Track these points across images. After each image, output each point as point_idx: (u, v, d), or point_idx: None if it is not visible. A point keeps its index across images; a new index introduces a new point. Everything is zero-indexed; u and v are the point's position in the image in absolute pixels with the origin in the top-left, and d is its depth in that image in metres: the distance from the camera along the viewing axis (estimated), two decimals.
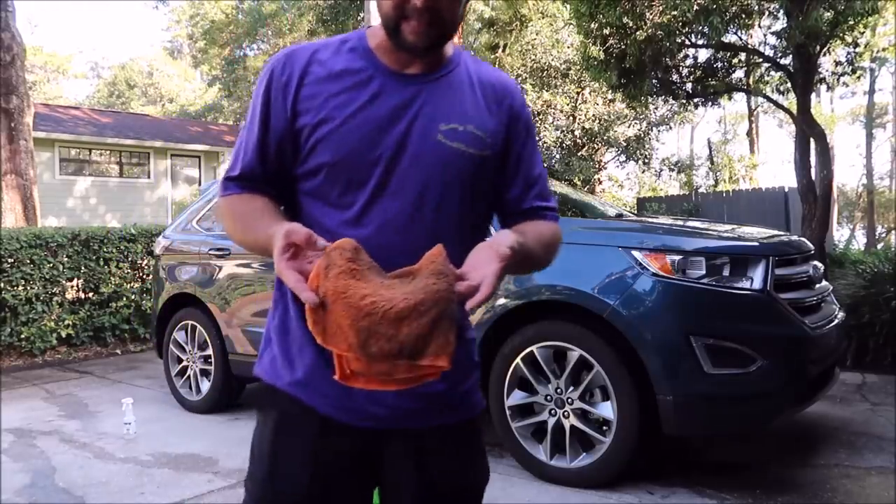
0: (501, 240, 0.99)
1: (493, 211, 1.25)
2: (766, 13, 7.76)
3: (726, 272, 3.04)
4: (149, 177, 18.08)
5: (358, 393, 1.05)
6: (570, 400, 3.12)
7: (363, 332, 0.85)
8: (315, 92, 1.09)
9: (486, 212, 1.22)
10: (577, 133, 14.05)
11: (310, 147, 1.09)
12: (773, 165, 56.84)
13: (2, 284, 6.34)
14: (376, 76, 1.10)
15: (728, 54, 8.22)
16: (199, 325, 4.69)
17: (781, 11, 7.32)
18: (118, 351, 7.07)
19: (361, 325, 0.85)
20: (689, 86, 8.37)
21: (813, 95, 8.67)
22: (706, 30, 7.14)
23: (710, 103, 9.15)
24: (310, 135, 1.09)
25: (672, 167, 16.87)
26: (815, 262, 3.58)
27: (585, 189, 13.23)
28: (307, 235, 0.93)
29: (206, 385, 4.62)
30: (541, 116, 13.92)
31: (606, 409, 3.01)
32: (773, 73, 8.61)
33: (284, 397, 1.13)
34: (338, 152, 1.07)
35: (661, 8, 7.02)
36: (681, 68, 8.27)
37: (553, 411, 3.17)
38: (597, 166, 14.75)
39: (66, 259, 6.81)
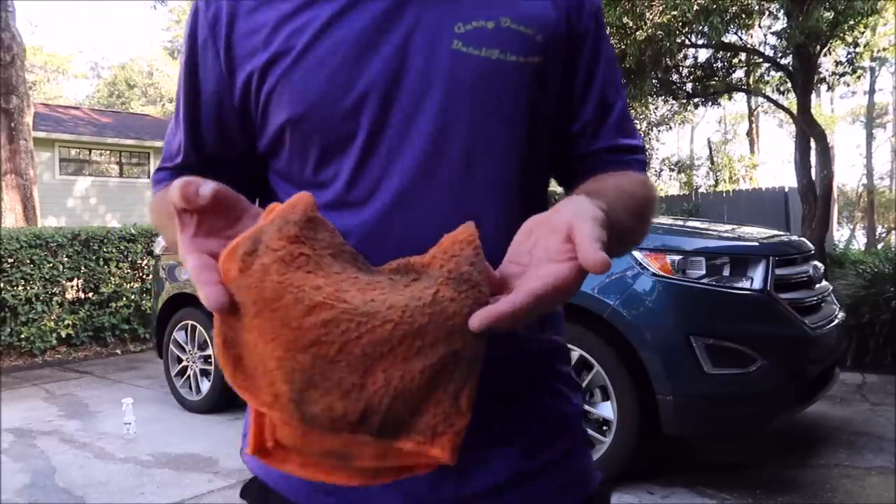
0: (579, 209, 0.54)
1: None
2: (767, 13, 7.77)
3: (726, 272, 3.04)
4: (149, 177, 18.05)
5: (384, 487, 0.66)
6: None
7: (300, 376, 0.46)
8: (256, 24, 0.73)
9: (545, 162, 0.80)
10: None
11: (262, 105, 0.73)
12: (773, 165, 56.90)
13: (2, 284, 6.34)
14: None
15: (728, 54, 8.23)
16: (199, 325, 4.69)
17: (781, 11, 7.33)
18: (118, 351, 7.07)
19: (298, 360, 0.46)
20: (689, 86, 8.39)
21: (813, 95, 8.68)
22: (706, 30, 7.15)
23: (710, 103, 9.17)
24: (259, 86, 0.73)
25: (672, 167, 16.89)
26: (815, 262, 3.58)
27: None
28: (214, 192, 0.51)
29: (206, 385, 4.62)
30: None
31: (606, 410, 3.01)
32: (773, 73, 8.63)
33: (275, 499, 0.76)
34: (299, 102, 0.70)
35: (661, 8, 7.03)
36: (681, 68, 8.29)
37: None
38: None
39: (66, 259, 6.81)
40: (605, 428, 3.05)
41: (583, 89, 0.80)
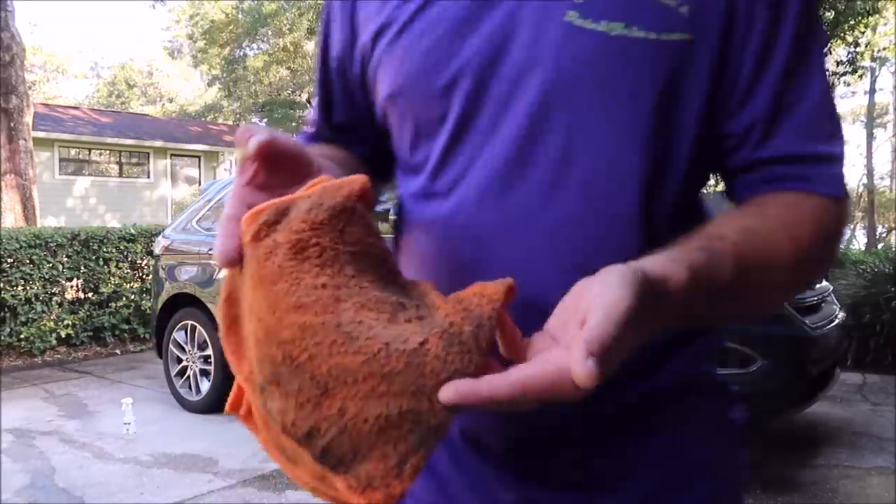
0: (603, 288, 0.44)
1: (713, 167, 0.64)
2: None
3: None
4: (148, 177, 18.08)
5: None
6: None
7: (268, 367, 0.46)
8: None
9: (686, 173, 0.61)
10: None
11: (371, 79, 0.69)
12: None
13: (1, 284, 6.33)
14: None
15: None
16: (198, 325, 4.68)
17: None
18: (118, 351, 7.06)
19: (271, 352, 0.46)
20: None
21: None
22: None
23: None
24: (368, 58, 0.68)
25: None
26: None
27: None
28: (264, 143, 0.50)
29: (205, 385, 4.61)
30: None
31: None
32: None
33: None
34: (397, 77, 0.64)
35: None
36: None
37: None
38: None
39: (65, 259, 6.80)
40: None
41: (750, 78, 0.59)
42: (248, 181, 0.51)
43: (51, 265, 6.68)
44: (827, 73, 0.62)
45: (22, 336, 6.52)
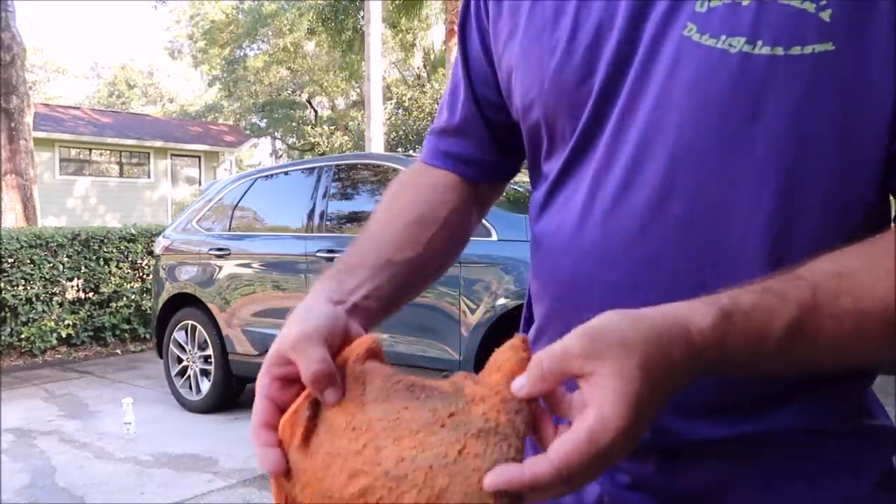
0: (628, 335, 0.42)
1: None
2: None
3: None
4: (149, 177, 18.10)
5: None
6: None
7: None
8: None
9: (867, 197, 0.53)
10: None
11: (505, 86, 0.67)
12: None
13: (2, 284, 6.34)
14: None
15: None
16: (199, 325, 4.69)
17: None
18: (118, 351, 7.07)
19: None
20: None
21: None
22: None
23: None
24: (499, 63, 0.67)
25: None
26: None
27: None
28: (316, 375, 0.49)
29: (206, 385, 4.62)
30: None
31: None
32: None
33: None
34: (528, 87, 0.62)
35: None
36: None
37: None
38: None
39: (66, 259, 6.81)
40: None
41: None
42: (280, 376, 0.52)
43: (51, 265, 6.69)
44: None
45: (22, 336, 6.53)
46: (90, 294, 7.06)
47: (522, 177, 0.78)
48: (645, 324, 0.43)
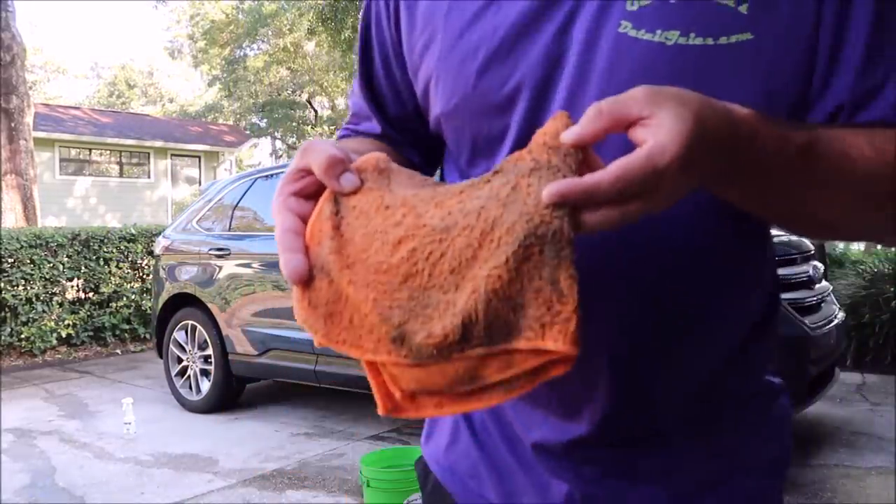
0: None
1: None
2: None
3: None
4: (149, 177, 18.10)
5: (536, 470, 0.68)
6: None
7: (397, 312, 0.47)
8: None
9: None
10: None
11: (422, 91, 0.68)
12: None
13: (2, 284, 6.34)
14: None
15: None
16: (199, 325, 4.69)
17: None
18: (118, 351, 7.07)
19: (395, 298, 0.47)
20: None
21: None
22: None
23: None
24: (416, 70, 0.67)
25: None
26: (815, 262, 3.58)
27: None
28: (328, 161, 0.50)
29: (206, 385, 4.62)
30: None
31: None
32: None
33: (432, 479, 0.77)
34: (451, 93, 0.63)
35: None
36: None
37: None
38: None
39: (66, 259, 6.81)
40: None
41: (826, 64, 0.56)
42: (297, 190, 0.52)
43: (51, 265, 6.69)
44: None
45: (22, 336, 6.53)
46: (90, 294, 7.07)
47: None
48: (696, 94, 0.46)
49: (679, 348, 0.61)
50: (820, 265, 3.65)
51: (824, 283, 3.69)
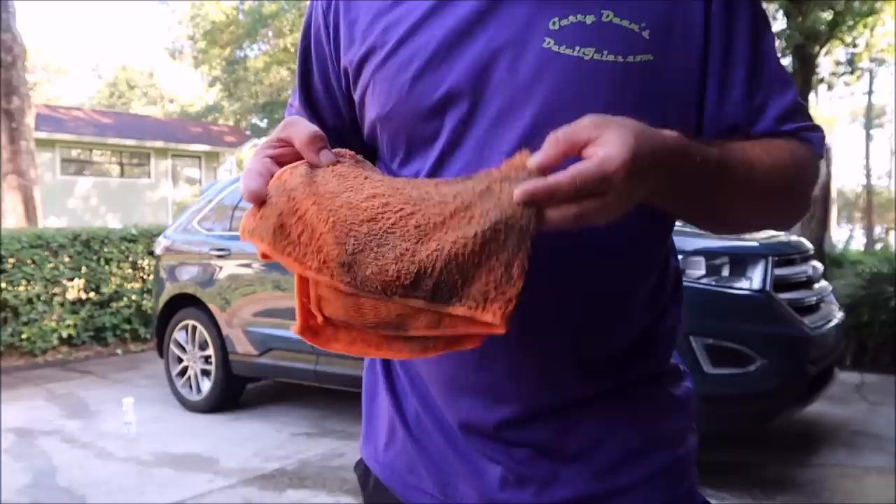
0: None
1: None
2: None
3: (726, 272, 3.05)
4: (150, 177, 18.10)
5: (463, 468, 0.73)
6: None
7: (353, 241, 0.50)
8: (358, 14, 0.73)
9: None
10: None
11: (359, 99, 0.75)
12: None
13: (3, 284, 6.35)
14: None
15: None
16: (199, 325, 4.69)
17: (780, 12, 7.33)
18: (119, 351, 7.08)
19: (353, 230, 0.50)
20: None
21: (812, 96, 8.69)
22: None
23: None
24: (355, 80, 0.74)
25: None
26: (814, 263, 3.59)
27: None
28: (310, 136, 0.57)
29: (206, 385, 4.62)
30: None
31: None
32: None
33: (372, 479, 0.83)
34: (387, 98, 0.70)
35: None
36: None
37: None
38: None
39: (67, 259, 6.82)
40: None
41: (717, 91, 0.68)
42: (274, 156, 0.60)
43: (52, 265, 6.69)
44: (825, 73, 0.73)
45: (24, 336, 6.53)
46: (91, 294, 7.07)
47: None
48: (634, 120, 0.55)
49: (600, 332, 0.70)
50: (819, 265, 3.65)
51: (823, 283, 3.70)
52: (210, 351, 4.60)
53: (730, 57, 0.67)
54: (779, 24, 7.81)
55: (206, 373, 4.65)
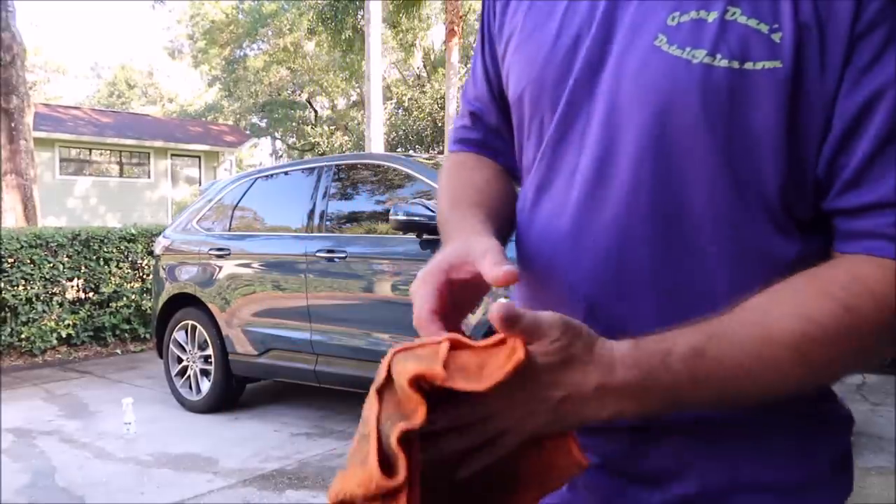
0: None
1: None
2: None
3: None
4: (149, 177, 18.10)
5: None
6: None
7: None
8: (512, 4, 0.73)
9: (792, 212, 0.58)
10: None
11: (504, 84, 0.74)
12: None
13: (2, 284, 6.34)
14: None
15: None
16: (199, 325, 4.69)
17: None
18: (118, 351, 7.07)
19: None
20: None
21: None
22: None
23: None
24: (502, 64, 0.74)
25: None
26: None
27: None
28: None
29: (206, 385, 4.62)
30: None
31: None
32: None
33: None
34: (518, 79, 0.69)
35: None
36: None
37: None
38: None
39: (66, 259, 6.81)
40: None
41: (853, 118, 0.53)
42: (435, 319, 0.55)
43: (51, 265, 6.69)
44: None
45: (23, 336, 6.53)
46: (90, 294, 7.06)
47: None
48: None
49: None
50: None
51: None
52: (210, 351, 4.60)
53: (873, 101, 0.52)
54: None
55: (205, 373, 4.64)
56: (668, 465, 0.61)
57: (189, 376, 4.73)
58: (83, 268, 6.95)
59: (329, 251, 4.00)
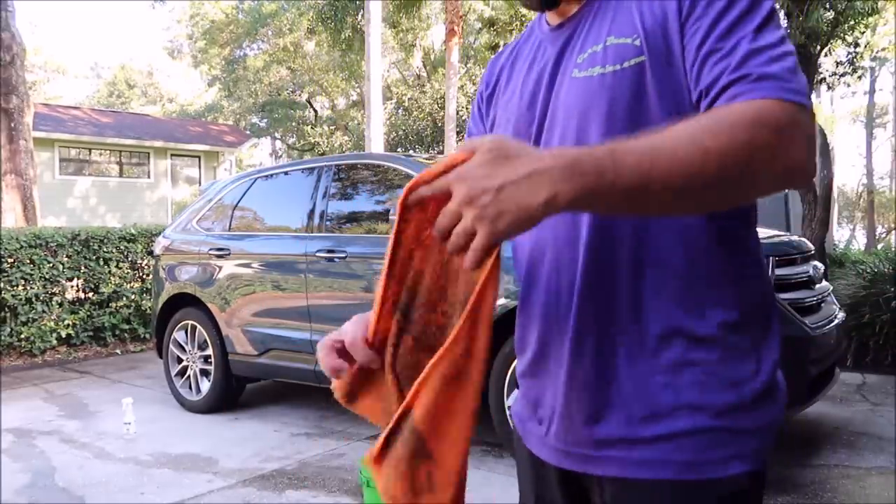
0: None
1: None
2: None
3: None
4: (149, 177, 18.09)
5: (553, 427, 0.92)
6: None
7: None
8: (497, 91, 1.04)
9: None
10: None
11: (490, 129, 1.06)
12: None
13: (2, 284, 6.34)
14: (541, 42, 0.95)
15: None
16: (199, 325, 4.69)
17: (781, 12, 7.33)
18: (118, 351, 7.07)
19: None
20: None
21: (813, 95, 8.69)
22: None
23: None
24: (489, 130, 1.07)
25: None
26: (815, 263, 3.58)
27: None
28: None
29: (206, 385, 4.62)
30: None
31: None
32: None
33: (517, 435, 1.04)
34: (503, 129, 0.99)
35: None
36: None
37: None
38: None
39: (65, 259, 6.81)
40: None
41: (694, 60, 0.77)
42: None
43: (51, 265, 6.69)
44: (826, 73, 0.72)
45: (22, 336, 6.52)
46: (90, 294, 7.06)
47: None
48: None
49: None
50: (820, 265, 3.64)
51: (824, 283, 3.69)
52: (209, 351, 4.60)
53: (704, 43, 0.76)
54: None
55: (205, 373, 4.64)
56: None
57: (189, 376, 4.73)
58: (83, 268, 6.95)
59: (329, 251, 4.00)
